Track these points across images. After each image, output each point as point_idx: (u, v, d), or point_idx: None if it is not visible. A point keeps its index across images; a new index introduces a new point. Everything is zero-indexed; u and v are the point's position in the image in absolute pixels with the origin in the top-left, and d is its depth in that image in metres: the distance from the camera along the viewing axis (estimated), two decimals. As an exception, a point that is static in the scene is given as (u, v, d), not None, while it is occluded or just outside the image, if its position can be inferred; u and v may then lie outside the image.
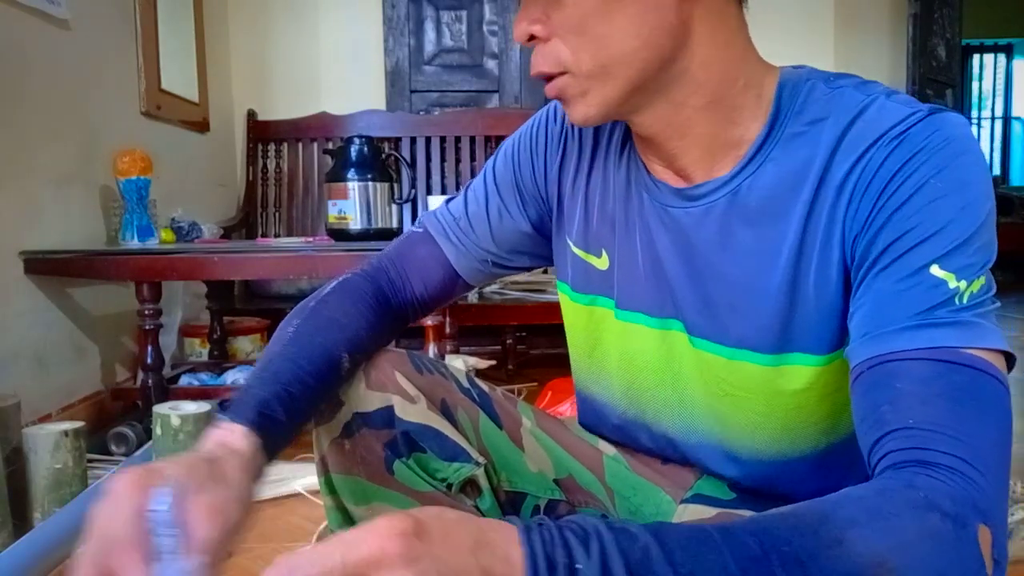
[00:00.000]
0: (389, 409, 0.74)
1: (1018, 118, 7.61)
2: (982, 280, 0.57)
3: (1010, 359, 0.56)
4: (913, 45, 3.03)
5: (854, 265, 0.62)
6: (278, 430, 0.62)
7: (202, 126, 2.83)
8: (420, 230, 0.85)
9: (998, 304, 0.58)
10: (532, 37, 0.63)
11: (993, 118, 7.67)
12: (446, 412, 0.78)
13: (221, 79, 3.03)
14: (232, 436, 0.59)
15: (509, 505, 0.82)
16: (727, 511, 0.76)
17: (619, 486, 0.86)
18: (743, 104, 0.65)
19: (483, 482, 0.78)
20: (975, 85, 7.54)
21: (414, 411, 0.75)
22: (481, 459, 0.78)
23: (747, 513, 0.69)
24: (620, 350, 0.79)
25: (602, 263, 0.78)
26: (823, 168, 0.62)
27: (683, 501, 0.82)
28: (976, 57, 7.47)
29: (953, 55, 3.35)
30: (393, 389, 0.75)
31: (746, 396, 0.70)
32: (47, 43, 1.91)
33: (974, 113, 7.57)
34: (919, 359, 0.54)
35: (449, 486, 0.76)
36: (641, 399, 0.79)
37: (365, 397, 0.73)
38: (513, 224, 0.83)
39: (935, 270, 0.56)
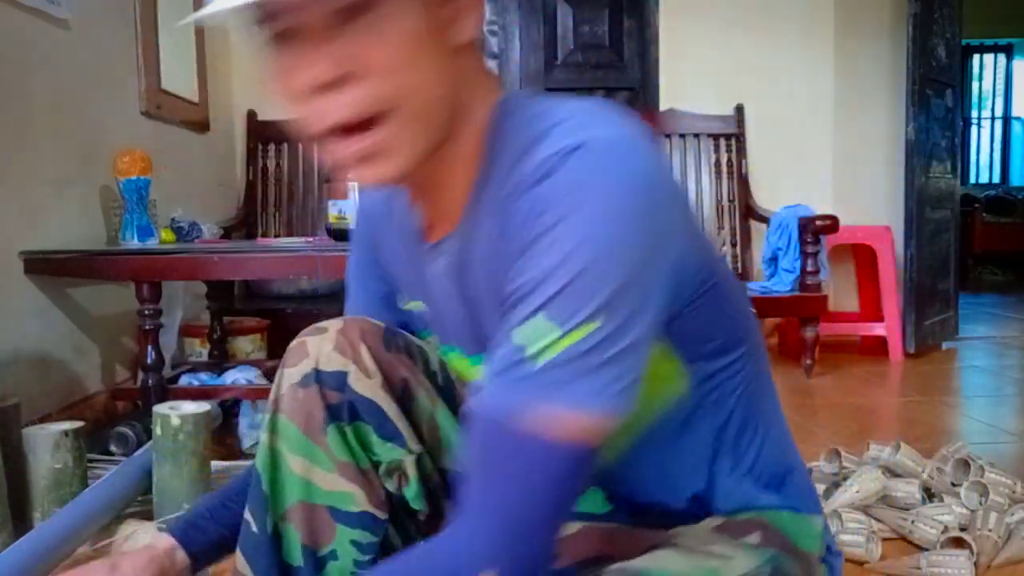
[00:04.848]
0: (344, 375, 0.76)
1: (1018, 118, 7.60)
2: (589, 327, 0.54)
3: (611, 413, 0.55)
4: (913, 45, 3.03)
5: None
6: None
7: (202, 126, 2.83)
8: None
9: (628, 343, 0.55)
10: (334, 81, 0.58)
11: (993, 118, 7.65)
12: (404, 393, 0.80)
13: (221, 79, 3.03)
14: None
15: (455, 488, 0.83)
16: (593, 525, 0.77)
17: None
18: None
19: (412, 471, 0.79)
20: (975, 85, 7.53)
21: (366, 385, 0.77)
22: (416, 447, 0.79)
23: (615, 526, 0.76)
24: None
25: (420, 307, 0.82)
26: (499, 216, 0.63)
27: None
28: (976, 57, 7.46)
29: (953, 55, 3.34)
30: (353, 358, 0.77)
31: None
32: (47, 43, 1.91)
33: (974, 113, 7.55)
34: (482, 419, 0.57)
35: (377, 465, 0.78)
36: None
37: (328, 357, 0.76)
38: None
39: (522, 328, 0.55)
